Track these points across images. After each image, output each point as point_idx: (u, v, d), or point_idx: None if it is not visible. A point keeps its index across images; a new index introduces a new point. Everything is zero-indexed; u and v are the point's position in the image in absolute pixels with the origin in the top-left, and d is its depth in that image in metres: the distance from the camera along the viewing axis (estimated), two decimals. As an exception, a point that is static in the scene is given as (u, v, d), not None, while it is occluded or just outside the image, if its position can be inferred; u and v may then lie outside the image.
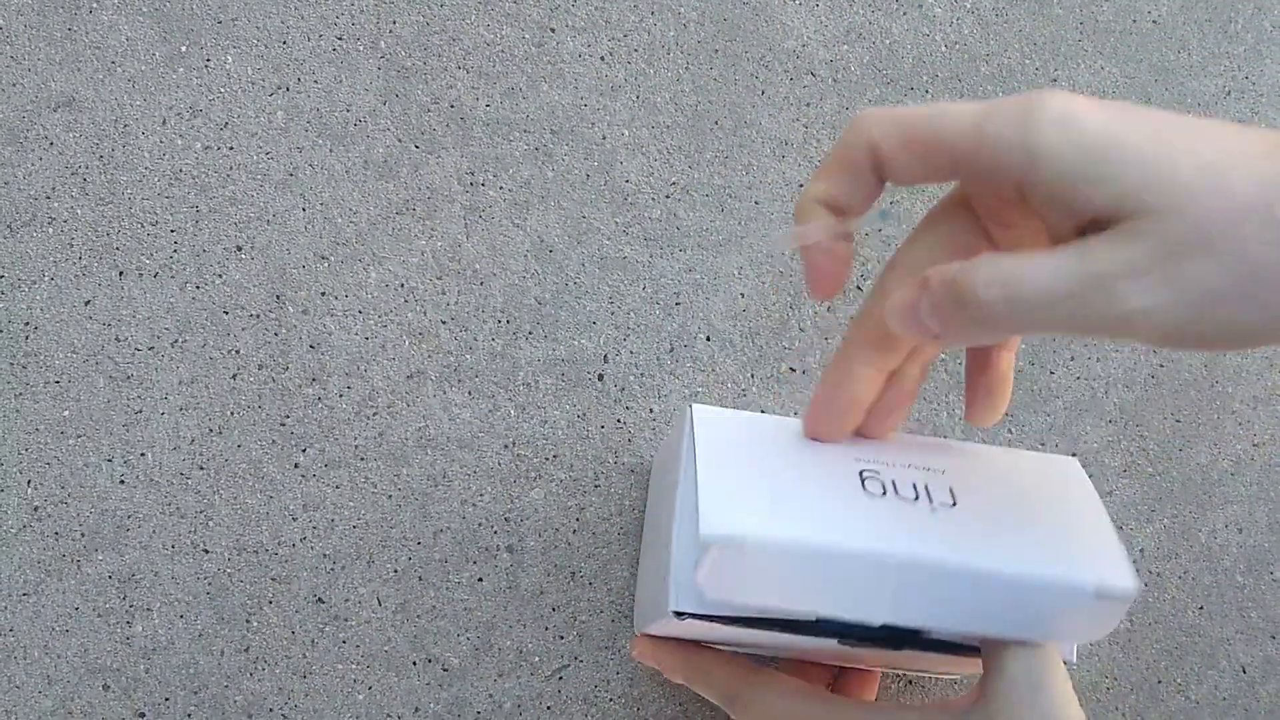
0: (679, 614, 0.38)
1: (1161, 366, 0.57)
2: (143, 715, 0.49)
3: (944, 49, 0.59)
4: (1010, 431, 0.56)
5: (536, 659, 0.51)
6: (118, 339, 0.51)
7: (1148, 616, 0.56)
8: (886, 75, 0.58)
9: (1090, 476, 0.47)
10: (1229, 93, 0.61)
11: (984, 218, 0.36)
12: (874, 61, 0.58)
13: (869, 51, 0.58)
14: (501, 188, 0.54)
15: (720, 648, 0.47)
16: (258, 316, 0.52)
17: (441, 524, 0.52)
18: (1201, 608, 0.56)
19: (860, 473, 0.39)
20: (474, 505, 0.52)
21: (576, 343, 0.54)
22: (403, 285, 0.53)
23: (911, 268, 0.37)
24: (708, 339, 0.54)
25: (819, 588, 0.37)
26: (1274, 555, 0.57)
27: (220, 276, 0.52)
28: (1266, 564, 0.57)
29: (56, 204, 0.51)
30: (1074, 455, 0.53)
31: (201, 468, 0.51)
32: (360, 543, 0.51)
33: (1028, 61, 0.59)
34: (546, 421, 0.53)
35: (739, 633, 0.40)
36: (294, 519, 0.51)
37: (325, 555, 0.51)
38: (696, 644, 0.46)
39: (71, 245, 0.51)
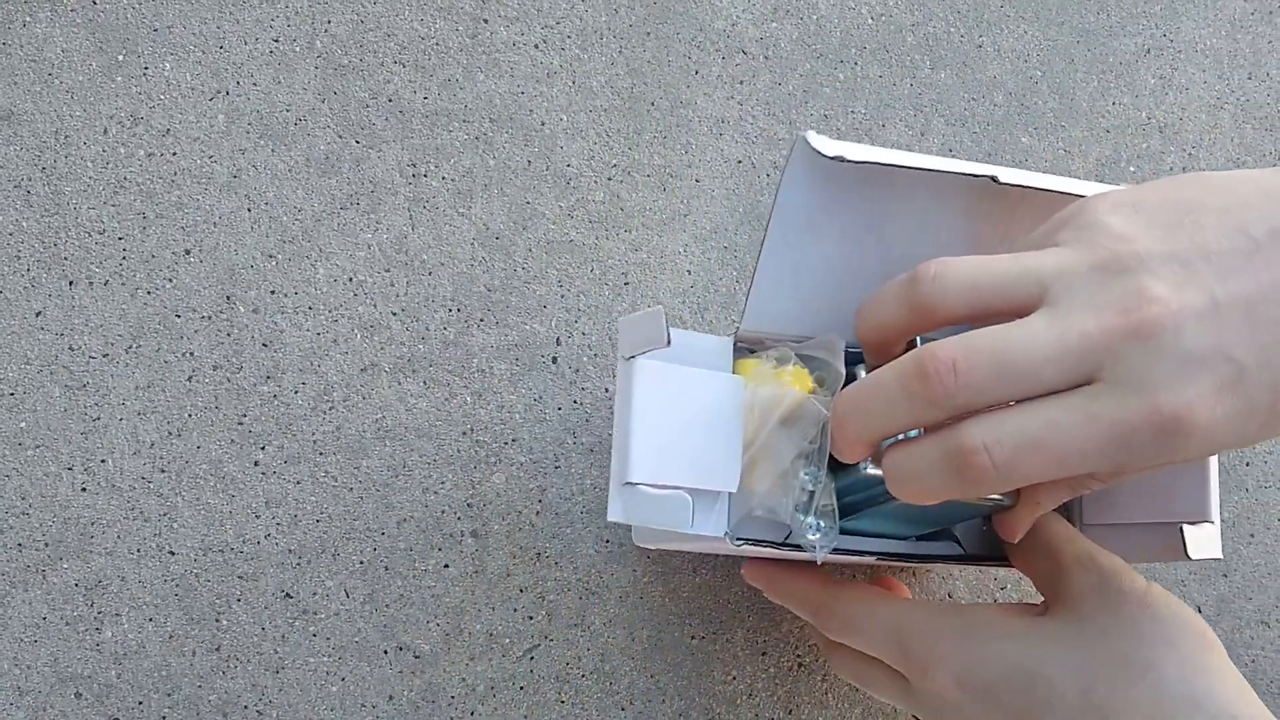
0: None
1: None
2: (117, 720, 0.49)
3: (870, 21, 0.60)
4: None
5: (507, 640, 0.52)
6: (71, 348, 0.51)
7: (1103, 563, 0.57)
8: (816, 50, 0.59)
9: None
10: (1148, 51, 0.63)
11: None
12: (803, 37, 0.59)
13: (797, 27, 0.59)
14: (444, 178, 0.55)
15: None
16: (209, 318, 0.52)
17: (404, 513, 0.52)
18: (1155, 551, 0.58)
19: None
20: (435, 493, 0.52)
21: (528, 327, 0.54)
22: (351, 279, 0.53)
23: None
24: (657, 316, 0.55)
25: None
26: (1220, 496, 0.59)
27: (170, 281, 0.52)
28: (1214, 505, 0.59)
29: (1, 217, 0.51)
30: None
31: (162, 471, 0.51)
32: (324, 536, 0.51)
33: (953, 29, 0.61)
34: (503, 406, 0.54)
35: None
36: (257, 516, 0.51)
37: (290, 550, 0.51)
38: (784, 564, 0.49)
39: (19, 258, 0.51)
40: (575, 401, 0.54)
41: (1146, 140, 0.62)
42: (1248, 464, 0.59)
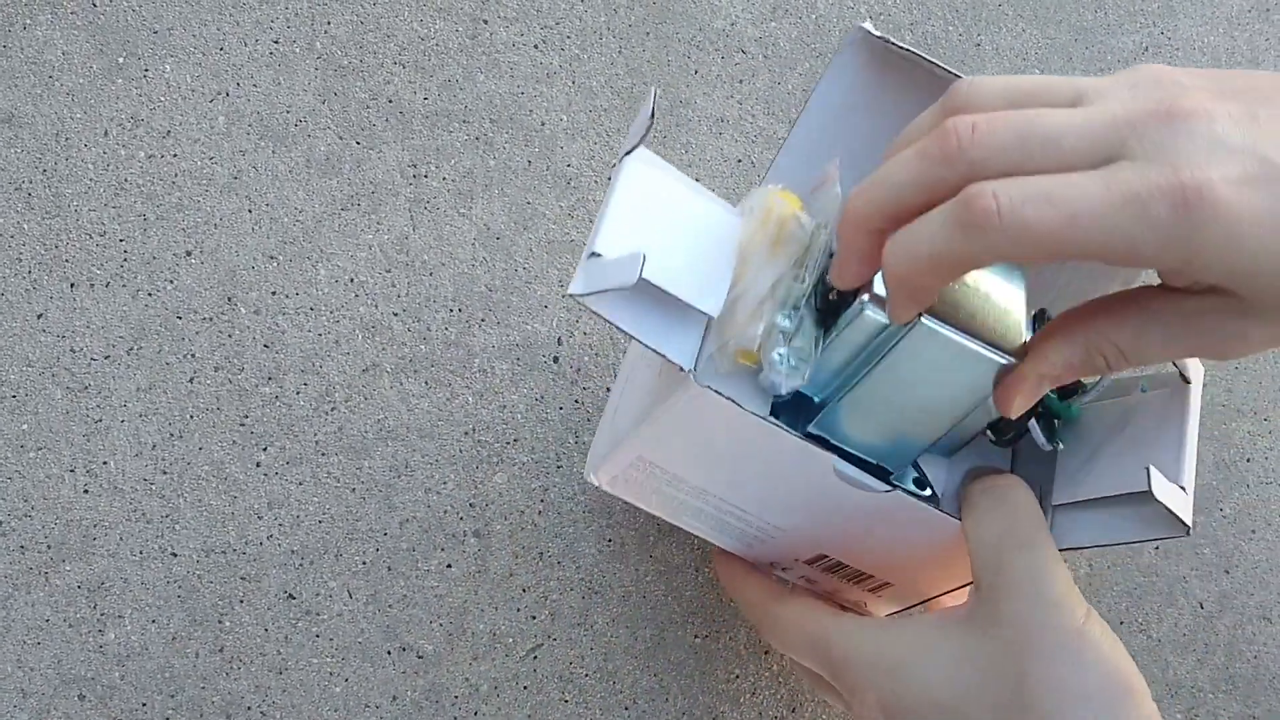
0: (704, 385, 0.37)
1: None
2: (120, 722, 0.49)
3: (869, 20, 0.60)
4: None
5: (510, 640, 0.52)
6: (73, 350, 0.51)
7: (1107, 560, 0.57)
8: (815, 49, 0.59)
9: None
10: (1146, 49, 0.63)
11: None
12: (802, 36, 0.59)
13: (796, 26, 0.59)
14: (444, 178, 0.55)
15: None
16: (211, 319, 0.52)
17: (407, 514, 0.52)
18: (1157, 548, 0.58)
19: None
20: (438, 493, 0.52)
21: (529, 327, 0.54)
22: (352, 280, 0.53)
23: None
24: (658, 315, 0.55)
25: None
26: (1221, 492, 0.59)
27: (171, 282, 0.52)
28: (1215, 501, 0.59)
29: (2, 220, 0.51)
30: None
31: (164, 472, 0.51)
32: (327, 537, 0.51)
33: (951, 28, 0.61)
34: (505, 406, 0.54)
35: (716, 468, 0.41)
36: (259, 517, 0.51)
37: (293, 551, 0.51)
38: (743, 563, 0.48)
39: (20, 260, 0.51)
40: (577, 401, 0.54)
41: (1145, 138, 0.62)
42: (1248, 460, 0.59)
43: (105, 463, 0.50)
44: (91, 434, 0.51)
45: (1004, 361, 0.37)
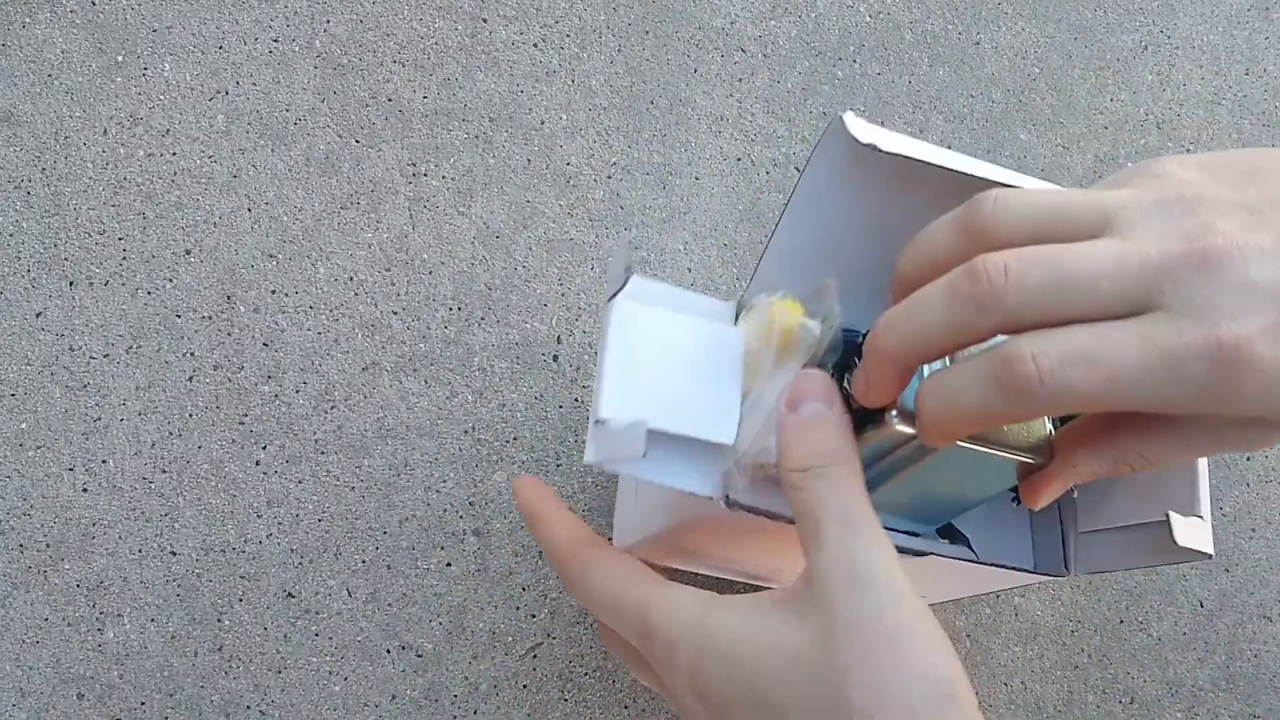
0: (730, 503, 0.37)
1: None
2: (119, 721, 0.49)
3: (868, 19, 0.60)
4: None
5: (510, 639, 0.52)
6: (72, 348, 0.51)
7: (1105, 558, 0.57)
8: (814, 48, 0.59)
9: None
10: (1145, 47, 0.63)
11: None
12: (801, 35, 0.59)
13: (796, 25, 0.59)
14: (444, 177, 0.55)
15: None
16: (210, 318, 0.52)
17: (406, 512, 0.52)
18: (1156, 546, 0.58)
19: None
20: (438, 492, 0.52)
21: (529, 325, 0.54)
22: (352, 278, 0.53)
23: None
24: (657, 313, 0.55)
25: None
26: (1221, 491, 0.59)
27: (171, 281, 0.52)
28: (1216, 500, 0.59)
29: (1, 218, 0.51)
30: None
31: (164, 471, 0.51)
32: (326, 536, 0.51)
33: (950, 26, 0.61)
34: (504, 405, 0.53)
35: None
36: (259, 516, 0.51)
37: (293, 550, 0.51)
38: (552, 497, 0.45)
39: (19, 258, 0.51)
40: (576, 400, 0.54)
41: (1144, 136, 0.62)
42: (1248, 459, 0.59)
43: (104, 461, 0.50)
44: (90, 432, 0.51)
45: (1037, 461, 0.38)
